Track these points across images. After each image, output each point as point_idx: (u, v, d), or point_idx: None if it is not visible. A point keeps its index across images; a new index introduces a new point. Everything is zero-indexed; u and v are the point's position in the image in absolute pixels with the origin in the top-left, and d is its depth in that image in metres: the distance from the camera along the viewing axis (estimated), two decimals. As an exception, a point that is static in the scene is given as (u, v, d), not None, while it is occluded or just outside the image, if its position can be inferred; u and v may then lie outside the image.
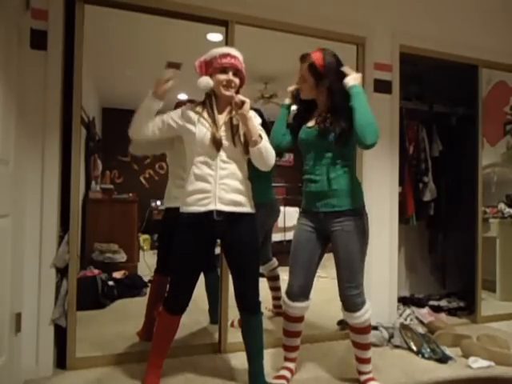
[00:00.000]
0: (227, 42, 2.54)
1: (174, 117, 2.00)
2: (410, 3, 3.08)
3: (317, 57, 2.02)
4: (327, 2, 2.81)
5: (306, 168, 2.12)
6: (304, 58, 2.05)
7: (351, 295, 2.02)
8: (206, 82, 1.95)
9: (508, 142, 3.61)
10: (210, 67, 1.96)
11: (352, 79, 1.98)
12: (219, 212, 1.91)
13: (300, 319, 2.16)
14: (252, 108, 1.98)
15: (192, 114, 1.97)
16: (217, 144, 1.91)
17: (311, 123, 2.11)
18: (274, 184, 3.06)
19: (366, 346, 2.11)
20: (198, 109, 1.99)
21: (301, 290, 2.09)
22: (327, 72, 2.00)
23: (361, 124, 1.90)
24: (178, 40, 2.84)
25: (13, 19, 1.98)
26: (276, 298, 2.96)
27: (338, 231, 2.02)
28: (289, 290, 2.12)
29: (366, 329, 2.08)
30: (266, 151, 1.92)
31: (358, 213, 2.04)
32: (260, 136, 1.92)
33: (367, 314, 2.05)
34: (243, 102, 1.88)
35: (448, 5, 3.19)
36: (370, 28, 2.92)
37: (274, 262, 2.99)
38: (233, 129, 1.95)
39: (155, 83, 1.92)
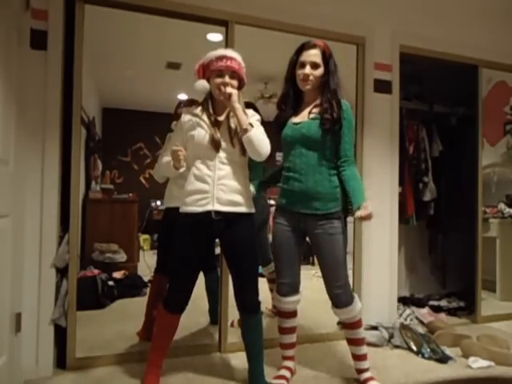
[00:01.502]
0: (227, 42, 2.54)
1: (181, 139, 2.01)
2: (409, 3, 3.08)
3: (324, 44, 2.06)
4: (327, 2, 2.81)
5: (289, 165, 2.09)
6: (313, 45, 2.04)
7: (339, 293, 2.05)
8: (202, 85, 1.97)
9: (508, 141, 3.61)
10: (208, 70, 1.97)
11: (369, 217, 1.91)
12: (217, 211, 1.92)
13: (293, 314, 2.19)
14: (248, 104, 1.98)
15: (191, 119, 1.99)
16: (215, 145, 1.92)
17: (298, 119, 2.09)
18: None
19: (359, 342, 2.13)
20: (197, 111, 2.00)
21: (290, 287, 2.13)
22: (332, 60, 2.05)
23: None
24: (178, 40, 2.84)
25: (13, 19, 1.98)
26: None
27: (321, 234, 2.04)
28: (279, 289, 2.15)
29: (357, 323, 2.10)
30: (257, 140, 1.90)
31: (339, 216, 2.06)
32: (251, 124, 1.91)
33: (357, 307, 2.08)
34: (230, 95, 1.89)
35: (448, 5, 3.19)
36: (369, 28, 2.92)
37: None
38: (231, 130, 1.95)
39: (173, 156, 1.92)
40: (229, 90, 1.90)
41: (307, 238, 2.15)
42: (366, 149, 2.91)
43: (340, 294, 2.05)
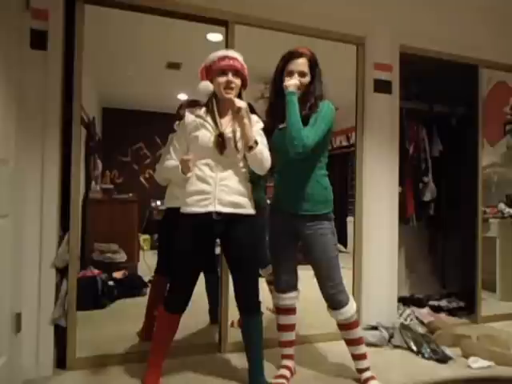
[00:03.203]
0: (227, 42, 2.54)
1: (185, 140, 2.02)
2: (409, 3, 3.07)
3: (310, 52, 2.09)
4: (327, 2, 2.81)
5: (280, 169, 2.13)
6: (300, 53, 2.07)
7: (334, 293, 2.06)
8: (206, 86, 1.98)
9: (508, 141, 3.61)
10: (210, 71, 1.98)
11: (293, 86, 1.99)
12: (218, 212, 1.92)
13: (292, 311, 2.21)
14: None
15: (194, 120, 1.99)
16: (220, 147, 1.93)
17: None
18: (270, 184, 3.04)
19: (357, 341, 2.14)
20: (200, 112, 2.01)
21: (288, 284, 2.17)
22: (317, 67, 2.09)
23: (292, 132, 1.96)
24: (178, 40, 2.85)
25: (13, 19, 1.98)
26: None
27: (311, 235, 2.06)
28: (278, 287, 2.18)
29: (353, 324, 2.11)
30: (261, 156, 1.95)
31: (329, 217, 2.10)
32: (256, 142, 1.93)
33: (352, 308, 2.10)
34: (239, 108, 1.91)
35: (448, 5, 3.19)
36: (369, 28, 2.92)
37: None
38: (235, 132, 1.96)
39: (182, 164, 1.94)
40: (238, 103, 1.91)
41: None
42: (366, 149, 2.91)
43: (335, 293, 2.06)
